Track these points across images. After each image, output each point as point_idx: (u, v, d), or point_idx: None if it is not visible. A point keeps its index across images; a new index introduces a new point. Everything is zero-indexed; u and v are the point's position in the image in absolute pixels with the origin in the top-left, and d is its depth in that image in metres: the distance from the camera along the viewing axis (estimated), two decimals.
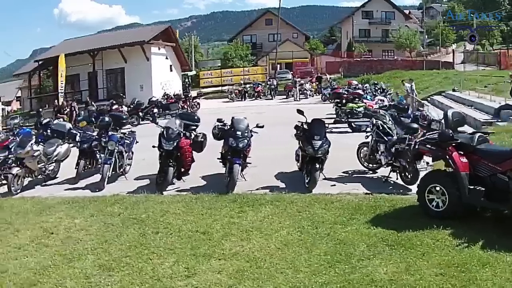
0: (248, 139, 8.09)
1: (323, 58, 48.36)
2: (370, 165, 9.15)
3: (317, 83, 31.73)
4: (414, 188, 7.43)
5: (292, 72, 39.80)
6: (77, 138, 9.77)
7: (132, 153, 10.18)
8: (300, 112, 8.56)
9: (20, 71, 37.15)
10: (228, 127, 8.31)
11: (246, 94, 30.58)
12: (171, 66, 32.49)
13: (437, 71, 34.15)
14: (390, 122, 8.89)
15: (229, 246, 5.39)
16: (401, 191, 7.79)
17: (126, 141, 9.72)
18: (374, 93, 20.62)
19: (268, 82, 31.62)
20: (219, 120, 8.84)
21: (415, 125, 8.74)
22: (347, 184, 8.27)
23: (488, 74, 27.94)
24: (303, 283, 4.47)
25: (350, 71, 35.48)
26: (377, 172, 9.07)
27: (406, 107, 10.93)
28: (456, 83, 25.24)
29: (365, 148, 9.23)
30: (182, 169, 8.50)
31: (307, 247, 5.33)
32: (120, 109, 19.85)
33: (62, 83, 27.84)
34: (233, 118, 8.46)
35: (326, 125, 8.78)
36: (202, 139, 8.96)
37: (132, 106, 20.91)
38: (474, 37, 39.93)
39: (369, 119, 15.27)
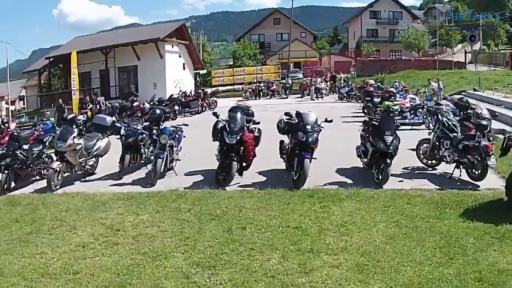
0: (317, 133, 7.76)
1: (332, 57, 48.11)
2: (430, 161, 8.91)
3: (331, 82, 31.44)
4: (482, 184, 7.43)
5: (302, 72, 39.46)
6: (122, 132, 9.31)
7: (181, 148, 9.79)
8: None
9: (30, 68, 36.56)
10: (296, 121, 7.93)
11: (261, 92, 30.17)
12: (184, 64, 32.10)
13: (451, 71, 33.83)
14: (454, 119, 8.70)
15: (332, 241, 5.09)
16: (469, 187, 7.53)
17: (176, 135, 9.34)
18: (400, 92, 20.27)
19: (283, 81, 31.24)
20: (286, 114, 8.50)
21: (485, 122, 8.51)
22: (413, 180, 8.01)
23: (503, 74, 27.76)
24: (434, 275, 4.30)
25: (364, 70, 35.16)
26: (436, 169, 8.82)
27: (467, 104, 10.61)
28: (473, 82, 25.03)
29: (425, 145, 8.99)
30: (244, 164, 8.12)
31: (415, 240, 5.12)
32: (142, 106, 19.41)
33: (74, 81, 27.48)
34: (300, 112, 8.12)
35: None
36: (258, 134, 8.61)
37: (152, 103, 20.47)
38: (474, 37, 40.02)
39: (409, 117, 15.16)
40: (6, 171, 8.80)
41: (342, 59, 47.88)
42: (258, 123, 8.67)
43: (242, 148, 7.87)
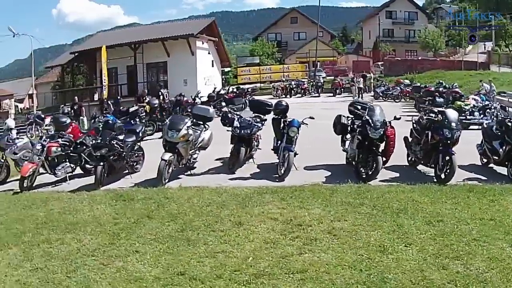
0: (460, 131, 7.60)
1: (350, 57, 47.78)
2: None
3: (362, 81, 31.07)
4: None
5: (325, 71, 39.07)
6: (236, 124, 8.83)
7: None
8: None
9: (53, 63, 35.84)
10: (440, 118, 7.61)
11: (292, 91, 29.73)
12: (212, 61, 31.63)
13: (479, 72, 33.67)
14: None
15: None
16: None
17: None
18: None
19: (314, 80, 30.85)
20: (431, 111, 8.22)
21: None
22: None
23: None
24: None
25: (391, 70, 34.83)
26: None
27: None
28: (506, 83, 24.90)
29: None
30: (384, 159, 7.74)
31: None
32: (190, 100, 18.94)
33: (104, 76, 26.86)
34: (445, 109, 8.07)
35: None
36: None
37: (196, 99, 19.95)
38: (474, 37, 40.08)
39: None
40: (101, 163, 8.34)
41: (360, 58, 47.55)
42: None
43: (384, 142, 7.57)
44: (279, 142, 8.85)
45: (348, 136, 8.91)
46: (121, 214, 6.48)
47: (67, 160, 9.22)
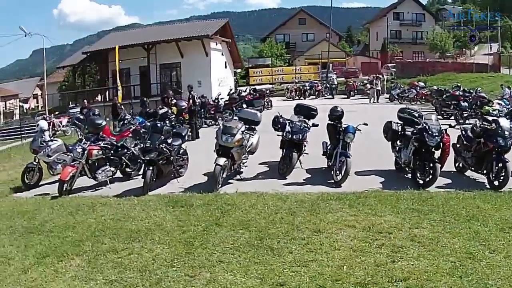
0: None
1: (358, 58, 47.73)
2: None
3: (376, 83, 30.94)
4: None
5: (335, 72, 38.98)
6: (287, 129, 8.68)
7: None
8: None
9: (64, 63, 35.63)
10: (494, 126, 7.57)
11: (306, 92, 29.59)
12: (225, 62, 31.48)
13: (491, 74, 33.57)
14: None
15: None
16: None
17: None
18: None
19: (328, 81, 30.72)
20: (485, 120, 8.16)
21: None
22: None
23: None
24: None
25: (404, 72, 34.72)
26: None
27: None
28: None
29: None
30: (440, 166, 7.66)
31: None
32: (211, 102, 18.78)
33: (118, 77, 26.65)
34: (498, 118, 8.08)
35: None
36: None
37: (217, 101, 19.78)
38: (474, 37, 40.12)
39: None
40: (151, 167, 8.15)
41: (368, 60, 47.52)
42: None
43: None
44: (329, 147, 8.76)
45: (399, 142, 8.82)
46: (185, 221, 6.31)
47: (107, 163, 9.06)
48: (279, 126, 8.97)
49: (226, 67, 31.59)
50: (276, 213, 6.43)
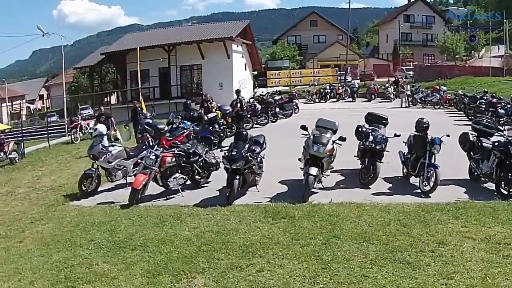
0: None
1: (370, 61, 47.69)
2: None
3: (395, 86, 30.87)
4: None
5: (349, 74, 38.93)
6: (371, 138, 8.55)
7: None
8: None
9: (81, 64, 35.34)
10: None
11: (327, 95, 29.48)
12: (245, 64, 31.32)
13: (508, 78, 33.59)
14: None
15: None
16: None
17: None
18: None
19: (349, 85, 30.62)
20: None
21: None
22: None
23: None
24: None
25: (421, 75, 34.69)
26: None
27: None
28: None
29: None
30: None
31: None
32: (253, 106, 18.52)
33: (140, 78, 26.42)
34: None
35: None
36: None
37: (253, 105, 19.54)
38: (474, 37, 40.27)
39: None
40: (237, 177, 7.92)
41: (380, 62, 47.50)
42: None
43: None
44: (407, 156, 8.77)
45: (474, 153, 8.75)
46: (297, 234, 6.15)
47: (179, 170, 8.87)
48: (362, 135, 8.85)
49: (246, 69, 31.43)
50: (388, 225, 6.31)
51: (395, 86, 30.97)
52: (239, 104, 14.75)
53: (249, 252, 5.74)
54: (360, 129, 9.10)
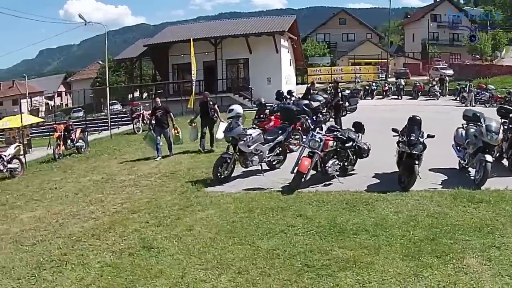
0: None
1: (400, 60, 47.51)
2: None
3: (440, 85, 30.73)
4: None
5: (385, 73, 38.77)
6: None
7: None
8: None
9: (122, 56, 35.11)
10: None
11: (374, 92, 29.31)
12: (290, 60, 31.11)
13: None
14: None
15: None
16: None
17: None
18: None
19: (396, 82, 30.45)
20: None
21: None
22: None
23: None
24: None
25: (461, 74, 34.56)
26: None
27: None
28: None
29: None
30: None
31: None
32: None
33: (193, 74, 26.10)
34: None
35: None
36: None
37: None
38: (474, 37, 40.16)
39: None
40: (417, 162, 7.57)
41: (410, 61, 47.33)
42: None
43: None
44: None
45: None
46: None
47: (335, 156, 8.63)
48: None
49: (290, 64, 31.22)
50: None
51: (440, 84, 30.88)
52: (340, 94, 14.48)
53: (485, 232, 5.55)
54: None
